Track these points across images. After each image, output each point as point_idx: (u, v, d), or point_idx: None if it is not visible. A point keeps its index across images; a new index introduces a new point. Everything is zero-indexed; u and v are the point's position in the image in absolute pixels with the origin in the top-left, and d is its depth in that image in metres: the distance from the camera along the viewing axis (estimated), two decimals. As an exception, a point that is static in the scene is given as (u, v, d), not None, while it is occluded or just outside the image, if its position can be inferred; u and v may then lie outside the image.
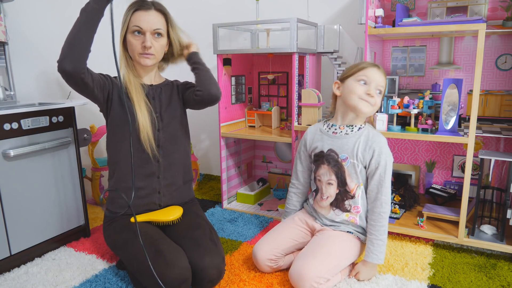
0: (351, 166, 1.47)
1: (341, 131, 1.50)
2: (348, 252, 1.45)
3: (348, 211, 1.50)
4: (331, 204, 1.53)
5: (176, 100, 1.61)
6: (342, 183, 1.49)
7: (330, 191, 1.52)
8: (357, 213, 1.50)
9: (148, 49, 1.46)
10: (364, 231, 1.52)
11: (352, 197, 1.49)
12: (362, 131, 1.48)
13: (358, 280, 1.45)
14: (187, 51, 1.61)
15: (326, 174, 1.52)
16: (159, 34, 1.49)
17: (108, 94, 1.48)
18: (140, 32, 1.46)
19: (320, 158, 1.53)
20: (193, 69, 1.58)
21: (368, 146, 1.45)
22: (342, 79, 1.50)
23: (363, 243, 1.52)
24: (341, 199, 1.51)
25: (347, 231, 1.50)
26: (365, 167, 1.47)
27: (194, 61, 1.58)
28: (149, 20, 1.46)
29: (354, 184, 1.48)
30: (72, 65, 1.28)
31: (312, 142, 1.58)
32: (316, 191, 1.58)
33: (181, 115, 1.61)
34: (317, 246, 1.44)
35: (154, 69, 1.59)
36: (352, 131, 1.49)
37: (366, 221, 1.50)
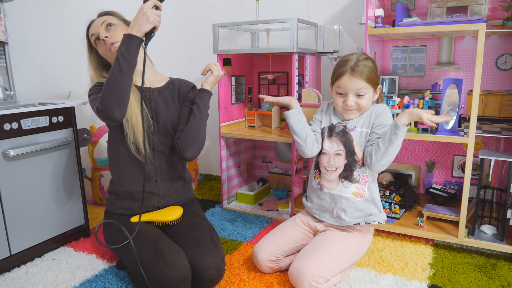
0: (359, 135, 1.48)
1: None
2: (349, 252, 1.45)
3: (357, 181, 1.50)
4: (340, 176, 1.51)
5: (175, 104, 1.58)
6: (350, 152, 1.49)
7: (339, 162, 1.51)
8: (365, 182, 1.49)
9: (106, 39, 1.45)
10: (372, 207, 1.50)
11: (361, 166, 1.49)
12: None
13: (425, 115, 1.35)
14: (204, 81, 1.58)
15: (334, 145, 1.52)
16: (110, 24, 1.48)
17: None
18: (96, 36, 1.47)
19: (328, 131, 1.55)
20: (194, 110, 1.54)
21: (375, 111, 1.48)
22: (331, 82, 1.53)
23: (370, 233, 1.52)
24: (350, 169, 1.50)
25: (354, 224, 1.49)
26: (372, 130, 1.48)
27: (198, 103, 1.54)
28: (97, 22, 1.49)
29: (362, 153, 1.48)
30: (121, 114, 1.34)
31: (325, 114, 1.59)
32: (319, 171, 1.56)
33: (178, 117, 1.60)
34: (318, 245, 1.44)
35: (151, 69, 1.58)
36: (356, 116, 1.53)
37: (378, 192, 1.52)
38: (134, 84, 1.52)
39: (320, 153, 1.57)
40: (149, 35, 1.34)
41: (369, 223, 1.50)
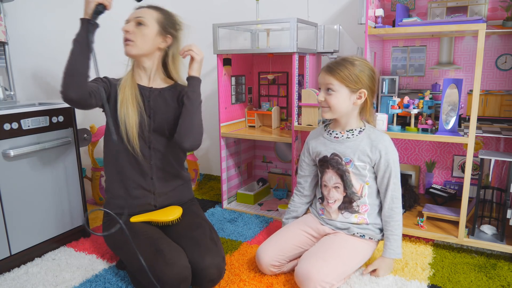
0: (355, 168, 1.47)
1: (342, 136, 1.51)
2: (358, 259, 1.45)
3: (357, 212, 1.50)
4: (339, 208, 1.52)
5: (174, 104, 1.57)
6: (347, 185, 1.49)
7: (337, 195, 1.51)
8: (366, 211, 1.50)
9: (126, 34, 1.49)
10: (376, 229, 1.51)
11: (359, 197, 1.49)
12: (364, 133, 1.48)
13: (377, 277, 1.47)
14: (189, 69, 1.54)
15: (331, 178, 1.52)
16: (140, 23, 1.50)
17: (107, 98, 1.52)
18: (126, 21, 1.52)
19: (324, 163, 1.53)
20: (184, 101, 1.51)
21: (374, 147, 1.45)
22: None
23: (375, 244, 1.52)
24: (349, 201, 1.50)
25: (360, 235, 1.49)
26: (372, 167, 1.48)
27: (187, 92, 1.50)
28: (136, 12, 1.53)
29: (360, 185, 1.49)
30: (76, 93, 1.36)
31: (315, 146, 1.57)
32: (322, 198, 1.57)
33: (176, 119, 1.57)
34: (328, 248, 1.43)
35: (151, 68, 1.57)
36: (353, 135, 1.49)
37: (381, 218, 1.52)
38: (137, 83, 1.54)
39: (321, 185, 1.57)
40: (96, 13, 1.38)
41: (372, 238, 1.51)
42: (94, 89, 1.43)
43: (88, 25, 1.37)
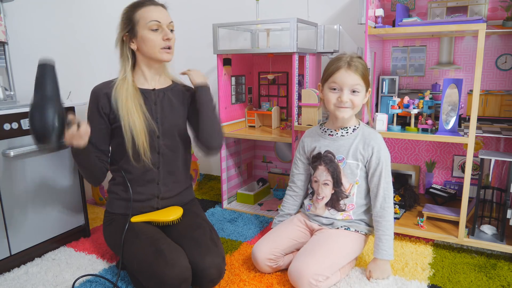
0: (347, 166, 1.48)
1: (337, 133, 1.52)
2: (347, 249, 1.46)
3: (343, 210, 1.52)
4: (326, 205, 1.54)
5: (182, 107, 1.57)
6: (337, 183, 1.50)
7: (326, 191, 1.53)
8: (351, 210, 1.52)
9: (168, 42, 1.46)
10: (361, 223, 1.53)
11: (347, 196, 1.50)
12: (357, 131, 1.50)
13: (374, 278, 1.45)
14: (193, 81, 1.54)
15: (322, 174, 1.53)
16: (172, 29, 1.50)
17: (108, 116, 1.51)
18: (158, 27, 1.44)
19: (317, 160, 1.55)
20: (198, 108, 1.52)
21: (367, 144, 1.47)
22: (322, 81, 1.51)
23: (362, 235, 1.52)
24: (336, 199, 1.52)
25: (345, 228, 1.51)
26: (365, 166, 1.49)
27: (200, 102, 1.51)
28: (164, 14, 1.47)
29: (349, 184, 1.50)
30: (99, 183, 1.55)
31: (310, 144, 1.59)
32: (312, 193, 1.59)
33: (183, 122, 1.59)
34: (316, 244, 1.45)
35: (163, 70, 1.57)
36: (347, 132, 1.51)
37: (367, 216, 1.53)
38: (139, 87, 1.51)
39: (312, 180, 1.59)
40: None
41: (358, 231, 1.51)
42: (101, 137, 1.51)
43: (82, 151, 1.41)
